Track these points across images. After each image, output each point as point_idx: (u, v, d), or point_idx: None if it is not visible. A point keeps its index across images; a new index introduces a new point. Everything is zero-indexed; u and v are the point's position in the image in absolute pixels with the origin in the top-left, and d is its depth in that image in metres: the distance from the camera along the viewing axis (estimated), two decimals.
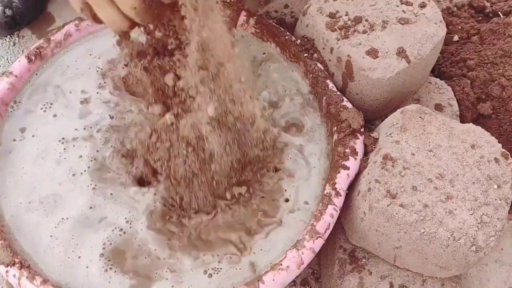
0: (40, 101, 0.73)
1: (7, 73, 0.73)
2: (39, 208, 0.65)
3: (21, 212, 0.64)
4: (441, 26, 0.73)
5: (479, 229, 0.58)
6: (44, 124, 0.71)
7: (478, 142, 0.64)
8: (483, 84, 0.83)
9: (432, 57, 0.74)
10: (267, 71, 0.78)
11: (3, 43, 1.01)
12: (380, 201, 0.60)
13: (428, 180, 0.61)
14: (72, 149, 0.69)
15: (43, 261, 0.61)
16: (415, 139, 0.64)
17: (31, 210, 0.65)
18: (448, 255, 0.60)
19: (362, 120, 0.68)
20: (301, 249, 0.60)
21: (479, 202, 0.60)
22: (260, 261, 0.62)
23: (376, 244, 0.65)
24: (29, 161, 0.68)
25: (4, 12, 0.96)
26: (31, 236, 0.63)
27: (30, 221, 0.64)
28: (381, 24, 0.73)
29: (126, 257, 0.61)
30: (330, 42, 0.73)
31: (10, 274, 0.59)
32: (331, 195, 0.64)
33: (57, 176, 0.67)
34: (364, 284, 0.66)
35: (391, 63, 0.69)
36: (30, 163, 0.68)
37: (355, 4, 0.75)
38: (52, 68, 0.76)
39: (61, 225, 0.63)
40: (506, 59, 0.83)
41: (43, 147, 0.69)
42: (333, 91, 0.73)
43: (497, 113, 0.82)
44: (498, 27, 0.88)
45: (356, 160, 0.67)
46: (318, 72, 0.74)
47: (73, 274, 0.60)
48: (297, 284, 0.76)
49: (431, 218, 0.59)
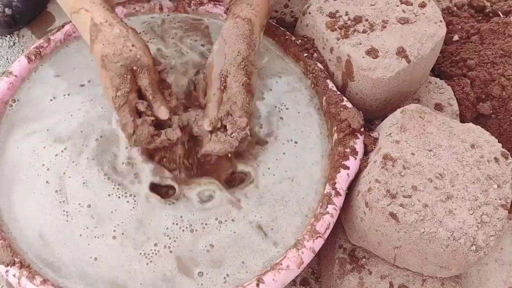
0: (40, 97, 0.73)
1: (7, 73, 0.73)
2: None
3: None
4: (441, 26, 0.73)
5: (479, 229, 0.58)
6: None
7: (478, 141, 0.64)
8: (483, 84, 0.83)
9: (432, 57, 0.74)
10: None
11: (3, 43, 1.01)
12: (380, 201, 0.60)
13: (428, 179, 0.61)
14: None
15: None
16: (415, 139, 0.64)
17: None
18: (448, 255, 0.60)
19: (362, 119, 0.68)
20: (301, 249, 0.60)
21: (479, 201, 0.60)
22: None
23: (376, 244, 0.65)
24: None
25: (4, 12, 0.96)
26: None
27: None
28: (381, 23, 0.73)
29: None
30: (330, 41, 0.73)
31: (10, 273, 0.59)
32: (331, 194, 0.64)
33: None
34: (364, 284, 0.66)
35: (391, 62, 0.69)
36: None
37: (355, 3, 0.75)
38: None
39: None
40: (506, 59, 0.83)
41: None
42: (333, 90, 0.73)
43: (497, 113, 0.82)
44: (498, 27, 0.88)
45: (356, 160, 0.67)
46: (318, 71, 0.74)
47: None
48: (297, 283, 0.77)
49: (431, 218, 0.59)
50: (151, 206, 0.64)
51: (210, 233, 0.64)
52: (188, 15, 0.82)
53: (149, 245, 0.62)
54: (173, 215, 0.64)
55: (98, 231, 0.63)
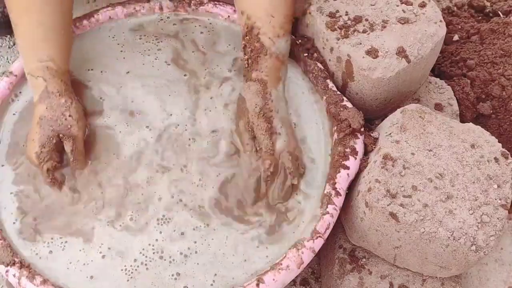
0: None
1: (7, 73, 0.73)
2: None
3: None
4: (441, 26, 0.73)
5: (479, 229, 0.58)
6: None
7: (478, 141, 0.64)
8: (483, 84, 0.83)
9: (432, 57, 0.74)
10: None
11: (3, 43, 1.01)
12: (380, 201, 0.60)
13: (428, 179, 0.61)
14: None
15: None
16: (415, 139, 0.64)
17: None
18: (448, 255, 0.60)
19: (362, 119, 0.68)
20: (301, 249, 0.60)
21: (479, 201, 0.60)
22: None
23: (376, 244, 0.65)
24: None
25: (4, 12, 0.96)
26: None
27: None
28: (381, 23, 0.73)
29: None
30: (330, 41, 0.73)
31: (10, 273, 0.59)
32: (331, 194, 0.64)
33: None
34: (364, 284, 0.66)
35: (391, 62, 0.69)
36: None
37: (355, 3, 0.75)
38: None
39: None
40: (506, 58, 0.83)
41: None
42: (333, 90, 0.73)
43: (497, 113, 0.82)
44: (498, 27, 0.88)
45: (356, 160, 0.67)
46: (318, 71, 0.74)
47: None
48: (297, 283, 0.77)
49: (431, 218, 0.59)
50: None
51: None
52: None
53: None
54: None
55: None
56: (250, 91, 0.68)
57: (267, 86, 0.68)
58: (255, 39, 0.69)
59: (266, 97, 0.68)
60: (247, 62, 0.70)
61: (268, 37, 0.68)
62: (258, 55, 0.69)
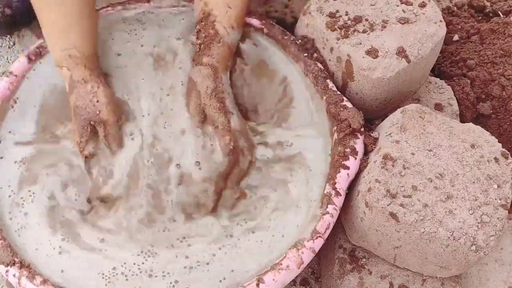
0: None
1: (7, 73, 0.73)
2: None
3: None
4: (441, 26, 0.73)
5: (479, 229, 0.58)
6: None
7: (478, 141, 0.64)
8: (483, 84, 0.83)
9: (432, 57, 0.74)
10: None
11: (3, 43, 1.01)
12: (380, 201, 0.60)
13: (428, 179, 0.61)
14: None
15: None
16: (415, 139, 0.64)
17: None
18: (448, 255, 0.60)
19: (362, 119, 0.68)
20: (301, 249, 0.60)
21: (479, 201, 0.60)
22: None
23: (376, 244, 0.65)
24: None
25: (4, 12, 0.96)
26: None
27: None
28: (381, 23, 0.73)
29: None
30: (330, 41, 0.73)
31: (10, 273, 0.59)
32: (331, 194, 0.64)
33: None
34: (364, 284, 0.66)
35: (391, 62, 0.69)
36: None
37: (355, 3, 0.75)
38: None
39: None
40: (506, 58, 0.83)
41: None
42: (333, 90, 0.73)
43: (497, 113, 0.82)
44: (498, 27, 0.88)
45: (356, 160, 0.67)
46: (318, 71, 0.74)
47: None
48: (297, 283, 0.77)
49: (431, 218, 0.59)
50: None
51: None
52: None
53: None
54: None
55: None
56: (201, 74, 0.70)
57: (218, 71, 0.70)
58: (210, 25, 0.71)
59: (217, 80, 0.70)
60: (199, 47, 0.72)
61: (223, 26, 0.71)
62: (211, 42, 0.71)
